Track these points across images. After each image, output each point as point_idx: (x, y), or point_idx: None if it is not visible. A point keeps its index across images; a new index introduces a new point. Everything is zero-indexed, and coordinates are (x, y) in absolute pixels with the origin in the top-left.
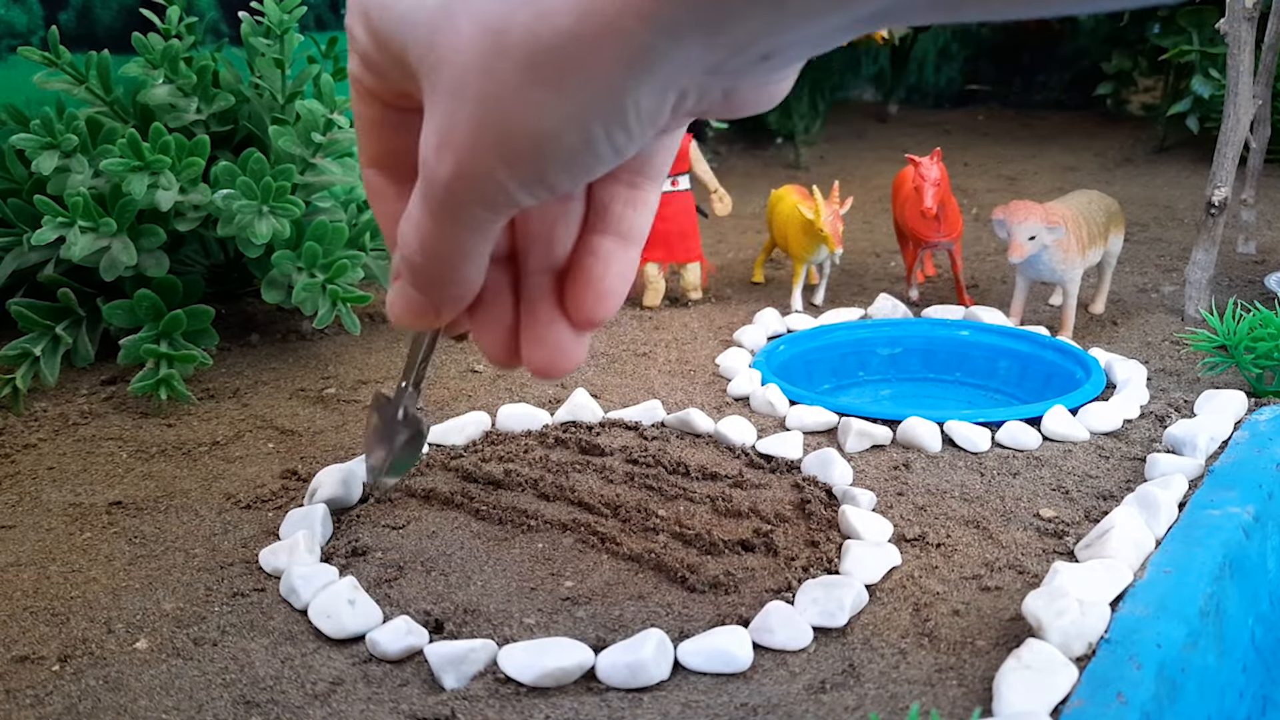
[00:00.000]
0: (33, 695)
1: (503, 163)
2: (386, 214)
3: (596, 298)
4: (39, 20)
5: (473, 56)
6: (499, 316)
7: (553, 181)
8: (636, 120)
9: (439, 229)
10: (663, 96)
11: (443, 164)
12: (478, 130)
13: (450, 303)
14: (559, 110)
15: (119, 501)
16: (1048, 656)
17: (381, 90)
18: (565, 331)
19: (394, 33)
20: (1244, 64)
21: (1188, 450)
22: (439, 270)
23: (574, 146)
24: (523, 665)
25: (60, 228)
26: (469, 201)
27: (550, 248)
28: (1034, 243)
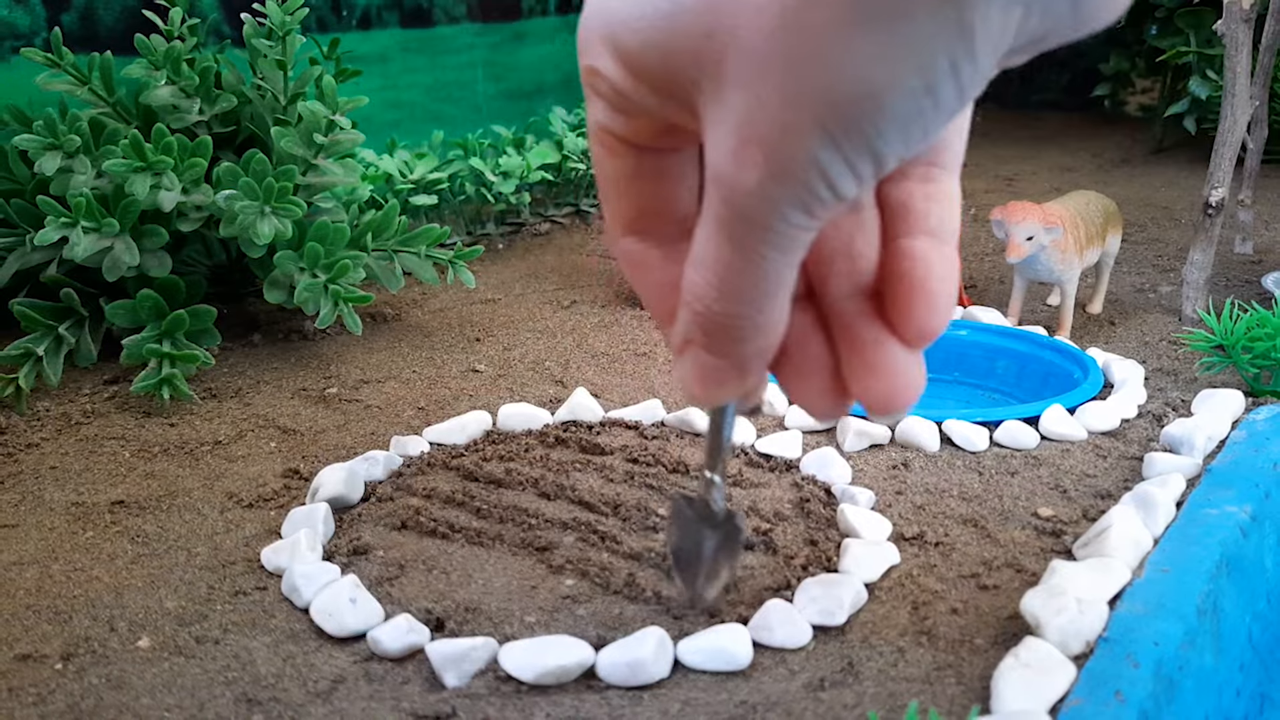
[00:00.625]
0: (35, 693)
1: (826, 137)
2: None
3: (927, 304)
4: (42, 22)
5: (773, 20)
6: (815, 361)
7: (884, 149)
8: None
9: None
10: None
11: (748, 166)
12: (792, 106)
13: (757, 356)
14: (895, 50)
15: (121, 500)
16: (1046, 655)
17: (638, 132)
18: (900, 351)
19: (653, 48)
20: (1241, 65)
21: (1185, 450)
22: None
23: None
24: (523, 663)
25: (63, 228)
26: (782, 206)
27: (854, 265)
28: (1032, 243)
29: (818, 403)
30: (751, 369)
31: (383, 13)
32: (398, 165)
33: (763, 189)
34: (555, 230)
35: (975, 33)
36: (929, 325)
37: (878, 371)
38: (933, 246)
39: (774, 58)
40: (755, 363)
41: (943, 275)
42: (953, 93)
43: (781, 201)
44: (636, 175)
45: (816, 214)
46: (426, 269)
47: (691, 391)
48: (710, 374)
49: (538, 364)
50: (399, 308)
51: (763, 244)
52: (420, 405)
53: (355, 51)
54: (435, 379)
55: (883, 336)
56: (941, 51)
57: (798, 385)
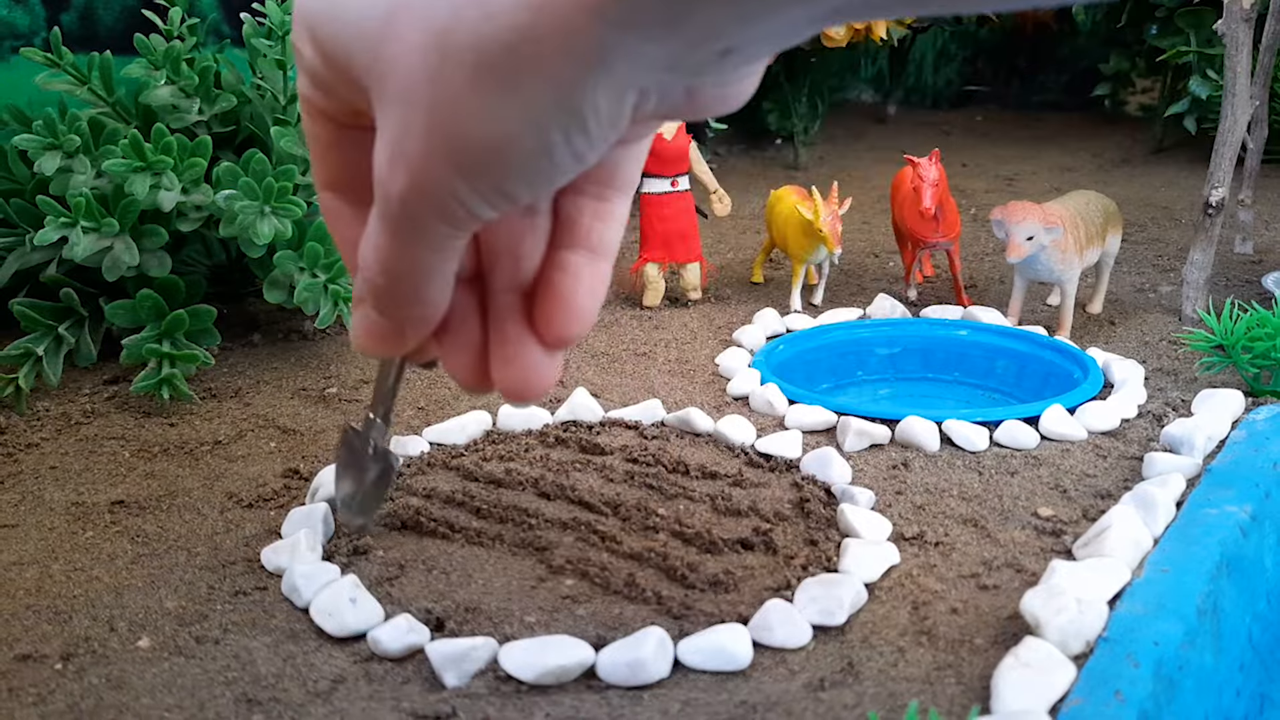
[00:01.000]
0: (35, 693)
1: (458, 173)
2: (345, 239)
3: (567, 315)
4: (41, 21)
5: (419, 62)
6: (467, 339)
7: (511, 191)
8: (596, 122)
9: (399, 248)
10: (621, 96)
11: (396, 178)
12: (430, 140)
13: (415, 326)
14: (513, 114)
15: (121, 500)
16: (1046, 655)
17: (332, 109)
18: (536, 351)
19: (340, 46)
20: (1241, 65)
21: (1185, 449)
22: (402, 292)
23: (531, 153)
24: (523, 663)
25: (63, 228)
26: (427, 216)
27: (517, 265)
28: (1032, 243)
29: (464, 376)
30: (410, 334)
31: None
32: None
33: (407, 200)
34: None
35: (586, 114)
36: (567, 334)
37: (513, 365)
38: (588, 261)
39: (418, 96)
40: (414, 330)
41: (589, 291)
42: (569, 157)
43: (425, 213)
44: (335, 143)
45: (461, 227)
46: None
47: (359, 342)
48: (374, 330)
49: None
50: None
51: (414, 241)
52: (420, 405)
53: None
54: (435, 379)
55: (524, 335)
56: (554, 126)
57: (450, 357)
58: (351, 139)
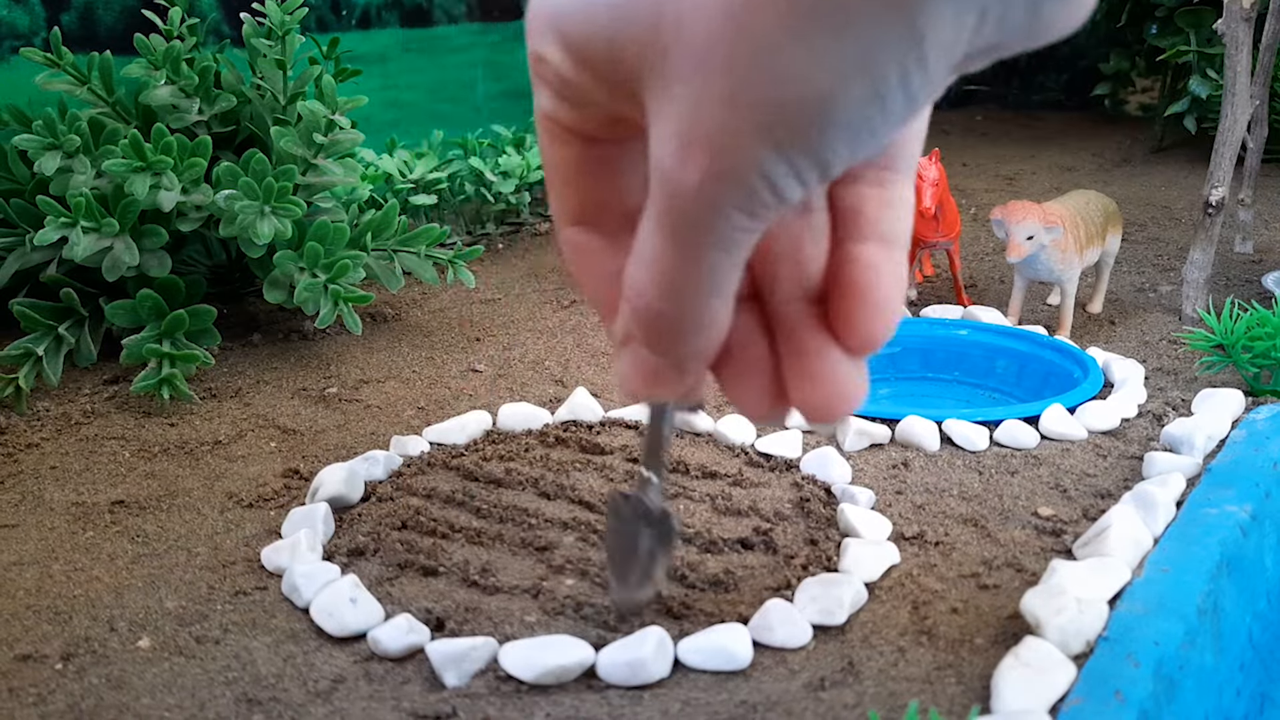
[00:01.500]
0: (35, 693)
1: (770, 141)
2: (599, 275)
3: (873, 312)
4: (41, 21)
5: (718, 19)
6: (756, 363)
7: (830, 157)
8: (936, 53)
9: (684, 257)
10: (963, 20)
11: (690, 166)
12: (735, 107)
13: (697, 356)
14: (841, 56)
15: (121, 500)
16: (1046, 654)
17: (584, 122)
18: (842, 359)
19: (600, 35)
20: (1241, 64)
21: (1185, 449)
22: (683, 314)
23: (861, 100)
24: (523, 663)
25: (63, 228)
26: (724, 208)
27: (800, 269)
28: (1032, 242)
29: (756, 406)
30: (690, 368)
31: (382, 12)
32: (397, 165)
33: (705, 190)
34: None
35: (926, 40)
36: (874, 334)
37: (817, 380)
38: (882, 253)
39: (718, 57)
40: (695, 362)
41: (891, 283)
42: (902, 101)
43: (724, 203)
44: (583, 165)
45: (761, 217)
46: (426, 269)
47: (630, 387)
48: (649, 371)
49: (538, 364)
50: (399, 307)
51: (705, 244)
52: (420, 405)
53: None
54: (435, 379)
55: (825, 344)
56: (891, 59)
57: (737, 387)
58: (603, 157)
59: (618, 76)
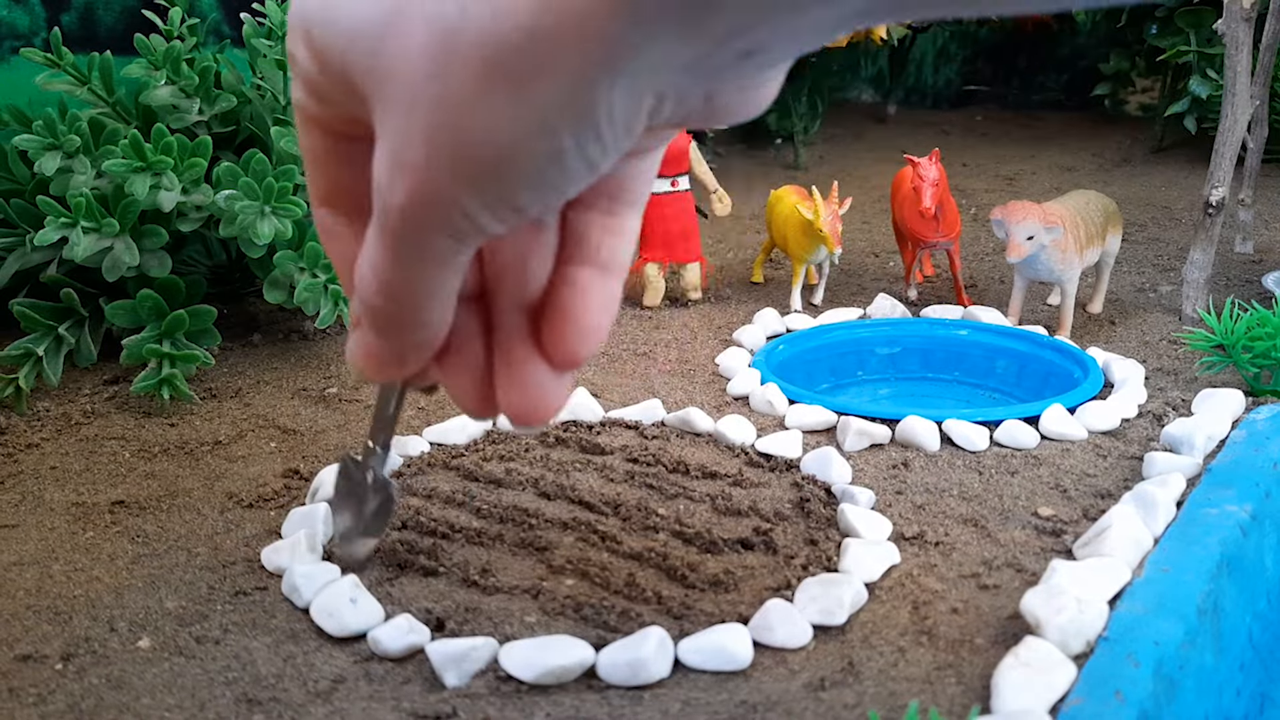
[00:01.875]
0: (35, 694)
1: (463, 182)
2: (342, 256)
3: (577, 333)
4: (41, 22)
5: (424, 63)
6: (470, 361)
7: (520, 202)
8: (610, 127)
9: (399, 265)
10: (638, 99)
11: (397, 189)
12: (434, 146)
13: (416, 349)
14: (523, 118)
15: (122, 501)
16: (1046, 654)
17: (329, 117)
18: (544, 372)
19: (337, 49)
20: (1241, 64)
21: (1185, 449)
22: (402, 312)
23: (542, 159)
24: (524, 663)
25: (63, 228)
26: (430, 230)
27: (523, 282)
28: (1032, 243)
29: (467, 401)
30: (411, 358)
31: None
32: None
33: (409, 211)
34: None
35: (599, 118)
36: (576, 354)
37: (519, 388)
38: (596, 278)
39: (422, 100)
40: (415, 353)
41: (599, 309)
42: (581, 164)
43: (428, 227)
44: (329, 154)
45: (466, 241)
46: None
47: (357, 367)
48: (373, 354)
49: None
50: None
51: (415, 257)
52: (420, 405)
53: None
54: None
55: (532, 355)
56: (565, 128)
57: (452, 380)
58: (348, 151)
59: (350, 87)
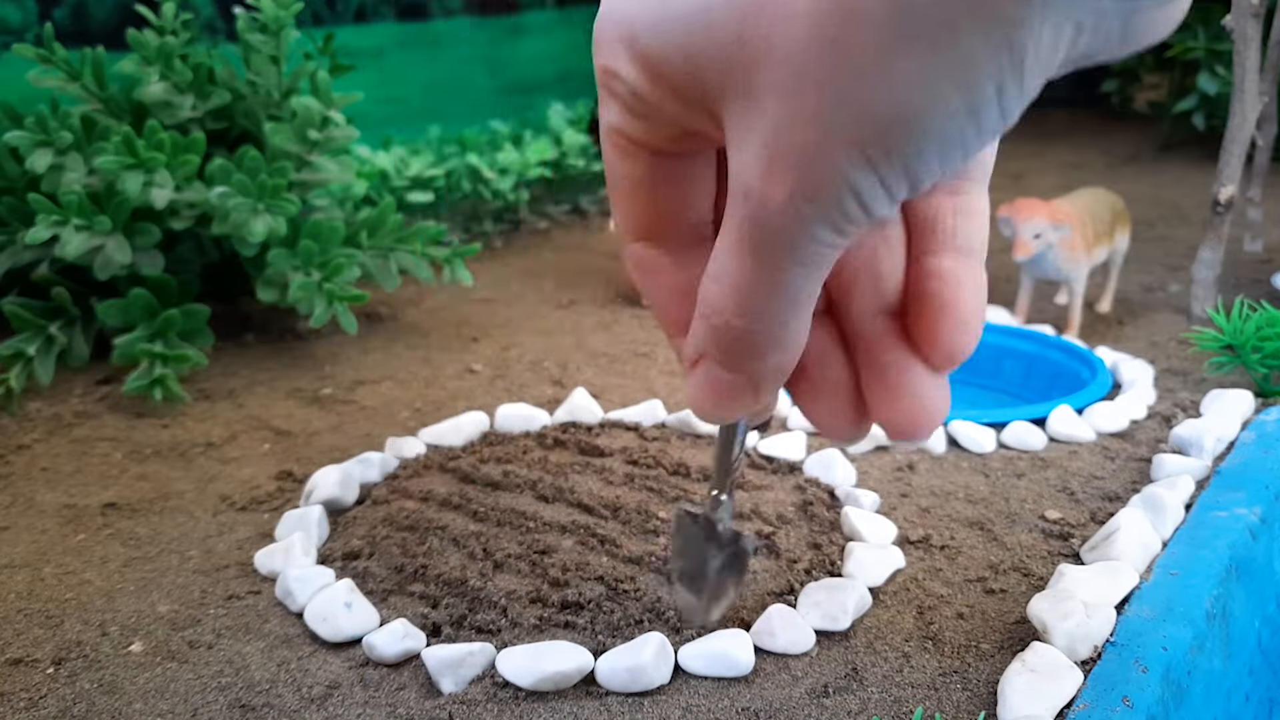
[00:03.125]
0: (26, 698)
1: (861, 157)
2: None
3: (956, 325)
4: (33, 17)
5: (810, 33)
6: (834, 380)
7: (921, 170)
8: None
9: (765, 274)
10: (1061, 32)
11: (777, 182)
12: (827, 124)
13: (774, 374)
14: (938, 73)
15: (113, 503)
16: (1053, 660)
17: (655, 136)
18: (924, 376)
19: (678, 51)
20: (1250, 61)
21: (1194, 451)
22: (761, 331)
23: (956, 115)
24: (521, 669)
25: (54, 226)
26: (811, 223)
27: (878, 283)
28: (1039, 241)
29: (836, 424)
30: (767, 386)
31: (378, 7)
32: (393, 162)
33: (792, 206)
34: (554, 228)
35: (1025, 55)
36: (957, 348)
37: (899, 395)
38: (961, 264)
39: (810, 72)
40: (771, 379)
41: (972, 295)
42: (996, 115)
43: (811, 220)
44: (651, 179)
45: (846, 232)
46: (423, 267)
47: (703, 407)
48: (724, 389)
49: (536, 364)
50: (395, 307)
51: (787, 260)
52: (416, 406)
53: (350, 46)
54: (431, 379)
55: (906, 359)
56: (988, 75)
57: (815, 405)
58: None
59: (694, 92)
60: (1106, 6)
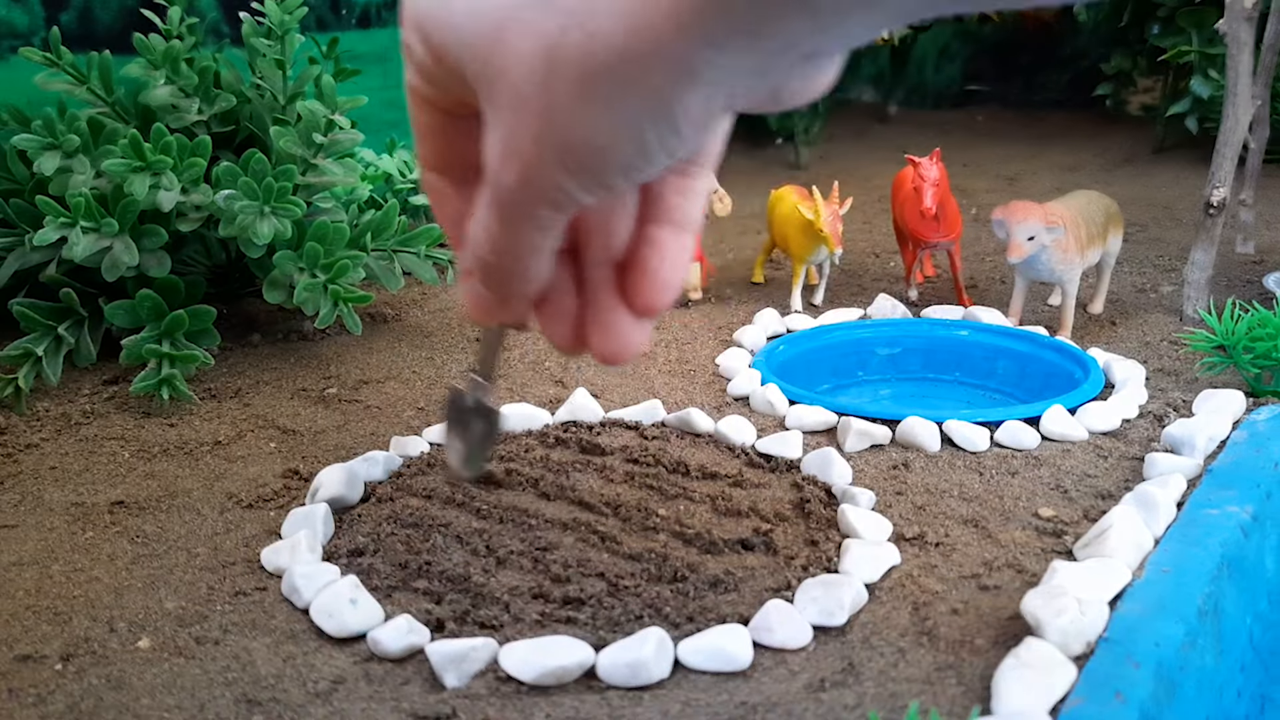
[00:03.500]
0: (35, 694)
1: (564, 170)
2: (448, 214)
3: (655, 286)
4: (40, 21)
5: (529, 72)
6: (564, 308)
7: (611, 183)
8: (688, 124)
9: (507, 230)
10: (710, 101)
11: (507, 172)
12: (539, 142)
13: (519, 298)
14: (614, 122)
15: (121, 501)
16: (1046, 655)
17: (439, 99)
18: (627, 319)
19: (450, 47)
20: (1243, 64)
21: (1186, 450)
22: (508, 268)
23: (629, 153)
24: (523, 664)
25: (62, 228)
26: (534, 203)
27: (608, 240)
28: (1033, 243)
29: (560, 342)
30: (515, 305)
31: (382, 11)
32: (397, 165)
33: (519, 188)
34: None
35: (677, 117)
36: (655, 303)
37: (606, 331)
38: (673, 235)
39: (529, 103)
40: (518, 301)
41: (675, 262)
42: (662, 154)
43: (533, 201)
44: (438, 128)
45: (564, 210)
46: (426, 269)
47: (471, 313)
48: (482, 302)
49: (537, 364)
50: (399, 308)
51: (520, 223)
52: (420, 405)
53: (355, 50)
54: (435, 379)
55: (616, 304)
56: (650, 130)
57: (548, 325)
58: (455, 125)
59: (463, 80)
60: (750, 82)
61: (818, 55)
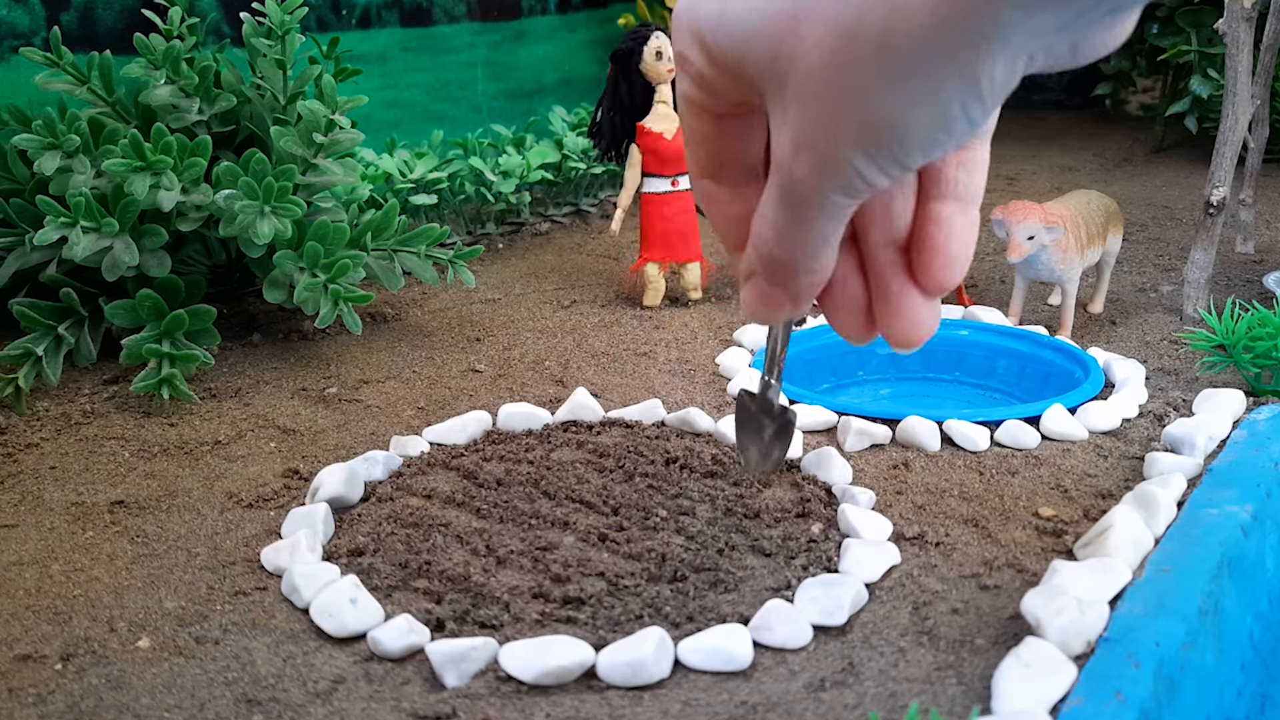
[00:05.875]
0: (35, 694)
1: (862, 153)
2: (725, 217)
3: (944, 263)
4: (41, 21)
5: (825, 59)
6: (852, 296)
7: (910, 162)
8: (991, 91)
9: (797, 222)
10: (1013, 64)
11: (801, 163)
12: (836, 128)
13: (807, 291)
14: (917, 98)
15: (121, 501)
16: (1046, 655)
17: (716, 105)
18: (918, 300)
19: (731, 49)
20: (1242, 64)
21: (1186, 449)
22: (797, 261)
23: (932, 128)
24: (524, 663)
25: (62, 228)
26: (827, 190)
27: (891, 221)
28: (1033, 242)
29: (850, 331)
30: (800, 298)
31: (382, 12)
32: (397, 165)
33: (812, 178)
34: (555, 230)
35: (982, 85)
36: (945, 280)
37: (898, 314)
38: (957, 210)
39: (824, 88)
40: (804, 294)
41: (961, 237)
42: (964, 126)
43: (827, 188)
44: (713, 134)
45: (856, 196)
46: (426, 269)
47: (754, 312)
48: (768, 299)
49: (538, 364)
50: (399, 307)
51: (812, 213)
52: (420, 405)
53: (355, 51)
54: (435, 379)
55: (906, 285)
56: (953, 99)
57: (836, 315)
58: (730, 128)
59: (745, 80)
60: (1052, 40)
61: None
